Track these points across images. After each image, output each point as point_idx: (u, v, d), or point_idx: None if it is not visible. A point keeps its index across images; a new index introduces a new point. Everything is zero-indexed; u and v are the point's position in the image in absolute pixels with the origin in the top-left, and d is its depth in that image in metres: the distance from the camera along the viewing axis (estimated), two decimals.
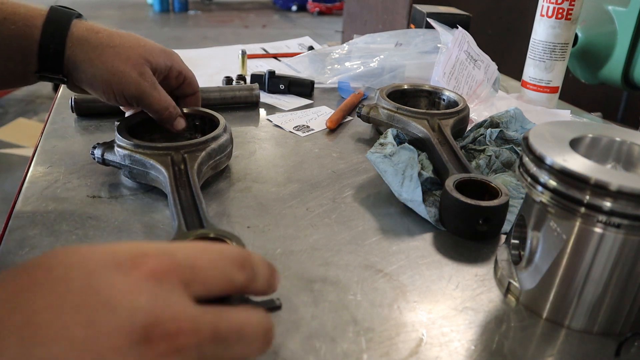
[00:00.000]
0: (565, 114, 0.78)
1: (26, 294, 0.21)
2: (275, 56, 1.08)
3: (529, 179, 0.36)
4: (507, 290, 0.40)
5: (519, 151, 0.58)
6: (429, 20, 0.88)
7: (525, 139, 0.38)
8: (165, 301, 0.22)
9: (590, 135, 0.40)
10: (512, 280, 0.40)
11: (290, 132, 0.70)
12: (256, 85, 0.79)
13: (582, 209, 0.33)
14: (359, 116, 0.67)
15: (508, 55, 1.41)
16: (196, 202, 0.44)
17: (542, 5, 0.79)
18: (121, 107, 0.57)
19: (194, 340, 0.22)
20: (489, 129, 0.62)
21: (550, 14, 0.78)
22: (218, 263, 0.25)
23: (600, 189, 0.32)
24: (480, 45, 0.83)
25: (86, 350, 0.20)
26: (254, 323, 0.25)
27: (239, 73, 0.89)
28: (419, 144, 0.59)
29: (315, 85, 0.87)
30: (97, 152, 0.53)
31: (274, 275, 0.28)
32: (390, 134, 0.57)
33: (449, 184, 0.47)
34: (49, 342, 0.20)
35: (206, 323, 0.23)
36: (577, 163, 0.34)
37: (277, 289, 0.29)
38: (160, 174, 0.48)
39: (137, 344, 0.21)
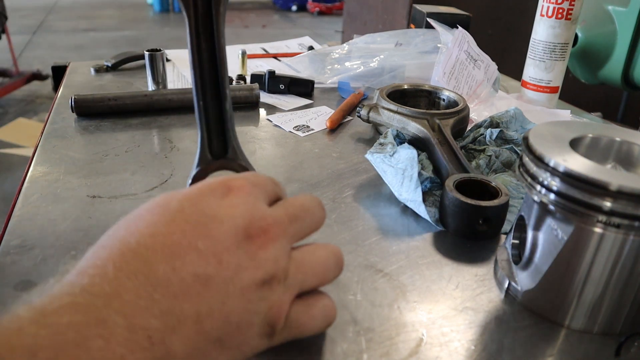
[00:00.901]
0: (565, 114, 0.78)
1: (155, 225, 0.26)
2: (275, 56, 1.08)
3: (529, 179, 0.36)
4: (507, 290, 0.40)
5: (519, 151, 0.58)
6: (429, 20, 0.88)
7: (525, 139, 0.38)
8: (253, 207, 0.29)
9: (590, 135, 0.40)
10: (512, 280, 0.40)
11: (290, 132, 0.70)
12: (256, 85, 0.79)
13: (582, 209, 0.33)
14: (359, 116, 0.67)
15: (508, 55, 1.41)
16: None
17: (542, 5, 0.79)
18: None
19: (279, 229, 0.29)
20: (489, 129, 0.62)
21: (550, 14, 0.78)
22: (268, 181, 0.32)
23: (600, 189, 0.32)
24: (480, 45, 0.83)
25: (209, 254, 0.26)
26: (309, 199, 0.33)
27: (239, 73, 0.89)
28: (419, 144, 0.59)
29: (315, 85, 0.87)
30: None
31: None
32: (390, 134, 0.57)
33: (449, 184, 0.47)
34: (183, 254, 0.26)
35: (281, 212, 0.30)
36: (577, 163, 0.34)
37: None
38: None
39: (242, 242, 0.27)
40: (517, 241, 0.42)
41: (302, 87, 0.85)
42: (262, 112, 0.78)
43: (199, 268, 0.26)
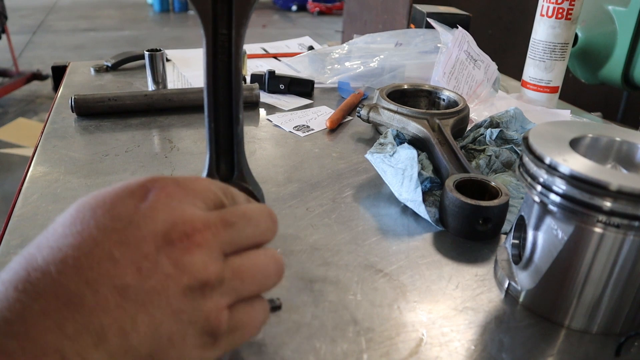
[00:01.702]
0: (565, 114, 0.78)
1: (65, 237, 0.25)
2: (275, 56, 1.08)
3: (529, 179, 0.36)
4: (507, 290, 0.40)
5: (519, 151, 0.58)
6: (429, 20, 0.87)
7: (525, 139, 0.38)
8: (176, 210, 0.26)
9: (590, 135, 0.40)
10: (512, 280, 0.40)
11: (290, 132, 0.70)
12: (256, 85, 0.79)
13: (582, 209, 0.33)
14: (359, 116, 0.67)
15: (508, 55, 1.41)
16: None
17: (542, 5, 0.79)
18: None
19: (208, 233, 0.26)
20: (489, 129, 0.62)
21: (550, 14, 0.78)
22: (210, 186, 0.29)
23: (600, 189, 0.32)
24: (480, 45, 0.83)
25: (126, 263, 0.24)
26: (256, 207, 0.30)
27: None
28: (419, 144, 0.59)
29: (315, 85, 0.87)
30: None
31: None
32: (390, 134, 0.57)
33: (449, 184, 0.47)
34: (96, 264, 0.24)
35: (214, 216, 0.27)
36: (577, 163, 0.34)
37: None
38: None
39: (163, 247, 0.25)
40: (517, 241, 0.42)
41: (302, 87, 0.85)
42: (262, 112, 0.78)
43: (116, 279, 0.23)
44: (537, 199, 0.36)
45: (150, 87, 0.79)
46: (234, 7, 0.36)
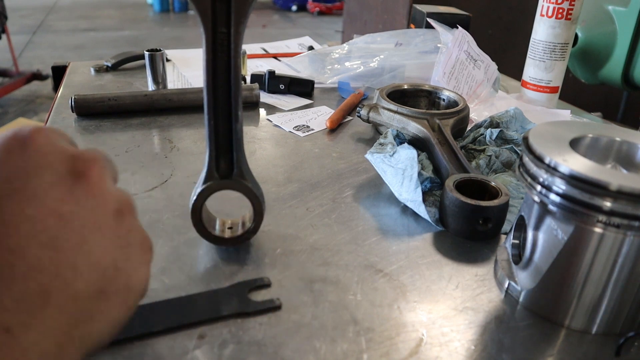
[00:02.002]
0: (565, 114, 0.78)
1: None
2: (275, 56, 1.08)
3: (529, 179, 0.36)
4: (507, 290, 0.40)
5: (519, 151, 0.58)
6: (429, 20, 0.88)
7: (525, 139, 0.38)
8: (63, 147, 0.26)
9: (590, 135, 0.40)
10: (512, 280, 0.40)
11: (290, 132, 0.70)
12: (256, 85, 0.79)
13: (582, 209, 0.33)
14: (359, 116, 0.67)
15: (508, 55, 1.41)
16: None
17: (542, 5, 0.79)
18: None
19: (102, 162, 0.27)
20: (489, 129, 0.62)
21: (550, 14, 0.78)
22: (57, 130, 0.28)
23: (600, 189, 0.32)
24: (480, 45, 0.83)
25: (43, 216, 0.23)
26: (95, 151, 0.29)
27: None
28: (419, 144, 0.59)
29: (315, 85, 0.87)
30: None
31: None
32: (390, 134, 0.57)
33: (449, 184, 0.47)
34: (13, 230, 0.22)
35: (92, 150, 0.27)
36: (577, 163, 0.34)
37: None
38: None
39: (74, 184, 0.24)
40: (517, 241, 0.42)
41: (302, 87, 0.85)
42: (262, 112, 0.78)
43: (40, 235, 0.22)
44: (537, 199, 0.36)
45: (150, 87, 0.79)
46: (233, 6, 0.36)
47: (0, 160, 0.24)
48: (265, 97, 0.82)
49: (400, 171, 0.50)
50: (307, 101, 0.83)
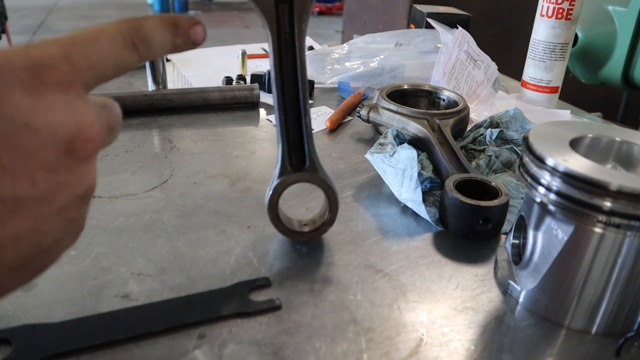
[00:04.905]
0: (565, 114, 0.78)
1: None
2: None
3: (529, 179, 0.36)
4: (507, 290, 0.40)
5: (519, 151, 0.58)
6: (429, 20, 0.88)
7: (525, 139, 0.38)
8: (76, 109, 0.23)
9: (590, 135, 0.40)
10: (512, 281, 0.40)
11: None
12: (256, 85, 0.79)
13: (582, 209, 0.33)
14: (359, 116, 0.67)
15: (508, 55, 1.41)
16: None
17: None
18: None
19: (99, 139, 0.24)
20: (489, 129, 0.62)
21: (550, 14, 0.78)
22: (110, 53, 0.26)
23: (600, 189, 0.32)
24: (480, 45, 0.83)
25: (18, 173, 0.21)
26: (118, 110, 0.28)
27: (239, 73, 0.89)
28: (419, 144, 0.59)
29: (315, 85, 0.87)
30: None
31: (180, 30, 0.30)
32: (390, 134, 0.57)
33: (449, 184, 0.47)
34: None
35: (103, 120, 0.25)
36: (577, 163, 0.34)
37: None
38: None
39: (63, 157, 0.22)
40: (517, 241, 0.42)
41: None
42: (262, 112, 0.78)
43: (3, 190, 0.21)
44: (537, 199, 0.36)
45: (150, 87, 0.79)
46: (295, 6, 0.38)
47: (6, 89, 0.21)
48: (265, 97, 0.82)
49: (400, 171, 0.50)
50: None
